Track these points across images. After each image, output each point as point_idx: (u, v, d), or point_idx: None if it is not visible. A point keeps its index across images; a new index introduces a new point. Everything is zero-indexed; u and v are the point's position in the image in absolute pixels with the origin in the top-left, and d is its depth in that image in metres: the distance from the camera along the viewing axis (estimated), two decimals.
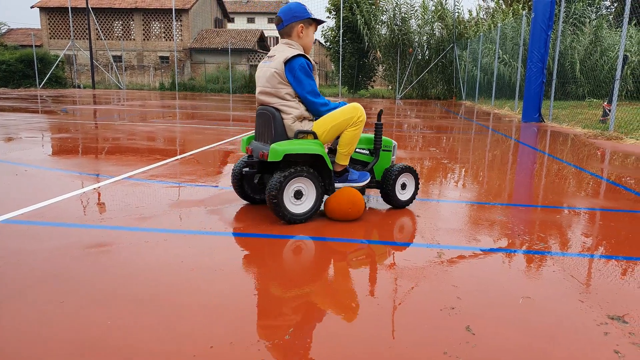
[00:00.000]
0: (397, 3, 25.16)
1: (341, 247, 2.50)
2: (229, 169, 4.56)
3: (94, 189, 3.64)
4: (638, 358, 1.48)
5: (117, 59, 32.47)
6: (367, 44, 25.69)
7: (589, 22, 18.50)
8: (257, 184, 3.11)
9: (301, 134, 2.86)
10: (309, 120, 2.94)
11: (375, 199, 3.49)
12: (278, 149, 2.71)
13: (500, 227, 2.87)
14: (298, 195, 2.82)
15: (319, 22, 3.03)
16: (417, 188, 3.31)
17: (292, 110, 2.85)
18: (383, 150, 3.24)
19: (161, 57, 33.20)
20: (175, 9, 30.53)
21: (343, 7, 25.40)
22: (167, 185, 3.81)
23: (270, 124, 2.88)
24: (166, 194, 3.49)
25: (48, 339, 1.53)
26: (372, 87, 29.50)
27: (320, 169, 2.89)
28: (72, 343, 1.51)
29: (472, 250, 2.46)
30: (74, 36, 31.01)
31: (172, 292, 1.88)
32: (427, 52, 25.44)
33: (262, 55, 32.29)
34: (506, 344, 1.56)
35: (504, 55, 17.94)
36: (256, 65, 31.06)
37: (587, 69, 17.47)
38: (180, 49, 32.20)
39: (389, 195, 3.20)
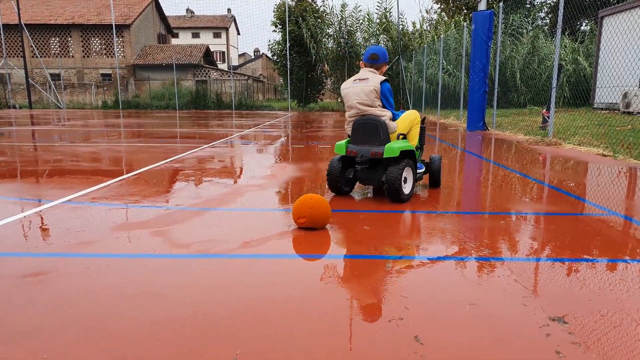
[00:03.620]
0: (342, 16, 25.65)
1: (289, 262, 2.47)
2: (176, 187, 4.44)
3: (32, 214, 3.44)
4: (578, 357, 1.54)
5: (56, 77, 31.16)
6: (314, 57, 25.98)
7: (526, 33, 19.52)
8: (352, 178, 4.08)
9: (401, 135, 3.97)
10: (391, 119, 4.03)
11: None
12: (394, 147, 3.76)
13: (447, 235, 2.94)
14: (405, 180, 3.82)
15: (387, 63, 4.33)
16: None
17: (385, 113, 3.98)
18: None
19: (103, 75, 32.16)
20: (115, 25, 29.74)
21: (289, 21, 25.61)
22: (110, 207, 3.66)
23: (376, 129, 3.89)
24: (109, 217, 3.35)
25: None
26: (322, 100, 29.81)
27: (413, 160, 4.03)
28: None
29: (420, 259, 2.50)
30: (7, 54, 29.55)
31: (115, 320, 1.79)
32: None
33: (207, 70, 31.91)
34: (454, 352, 1.58)
35: (448, 66, 18.61)
36: (203, 81, 30.72)
37: (527, 78, 18.40)
38: (122, 65, 31.33)
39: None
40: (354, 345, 1.63)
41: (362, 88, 3.96)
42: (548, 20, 25.39)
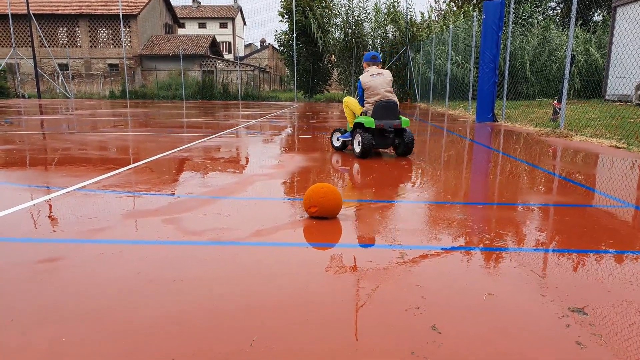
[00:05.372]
0: (349, 6, 25.45)
1: (304, 252, 2.46)
2: (186, 176, 4.44)
3: (44, 201, 3.45)
4: (599, 348, 1.52)
5: (64, 67, 31.19)
6: (321, 47, 25.82)
7: (537, 23, 19.25)
8: (374, 144, 5.56)
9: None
10: None
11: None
12: (406, 120, 5.62)
13: (461, 226, 2.91)
14: None
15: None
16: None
17: (395, 98, 5.67)
18: None
19: (110, 65, 32.15)
20: (123, 15, 29.67)
21: (296, 11, 25.44)
22: (120, 195, 3.65)
23: (395, 108, 5.59)
24: (120, 205, 3.35)
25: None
26: (328, 91, 29.66)
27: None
28: None
29: (434, 249, 2.47)
30: (16, 44, 29.62)
31: (132, 306, 1.79)
32: (381, 55, 25.78)
33: (213, 61, 31.82)
34: (472, 342, 1.56)
35: (457, 57, 18.44)
36: (210, 71, 30.69)
37: (537, 69, 18.18)
38: (129, 55, 31.30)
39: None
40: (372, 334, 1.61)
41: (383, 80, 5.54)
42: (559, 10, 25.03)
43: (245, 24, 58.99)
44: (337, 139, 6.21)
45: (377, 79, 5.48)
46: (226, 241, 2.58)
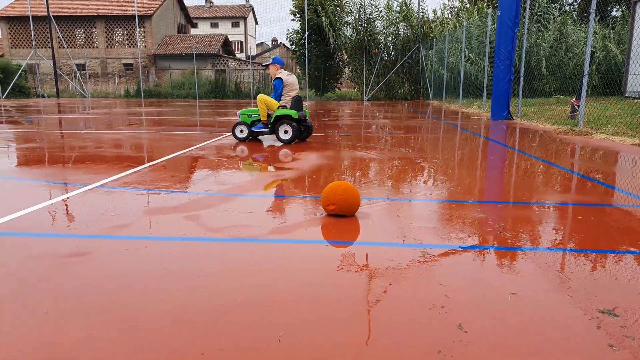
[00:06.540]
0: (361, 4, 25.33)
1: (323, 249, 2.46)
2: (204, 173, 4.47)
3: (68, 198, 3.49)
4: (632, 350, 1.49)
5: (81, 67, 31.57)
6: (332, 45, 25.74)
7: (553, 19, 18.95)
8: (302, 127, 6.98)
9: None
10: None
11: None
12: (308, 111, 7.00)
13: (481, 225, 2.89)
14: None
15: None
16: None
17: None
18: None
19: (125, 64, 32.44)
20: (138, 15, 29.92)
21: (308, 10, 25.41)
22: (141, 192, 3.69)
23: (302, 102, 6.84)
24: (141, 201, 3.38)
25: (32, 348, 1.44)
26: (339, 89, 29.58)
27: None
28: (58, 353, 1.42)
29: (455, 248, 2.46)
30: (36, 45, 30.05)
31: (159, 299, 1.80)
32: (393, 53, 25.64)
33: (226, 60, 32.04)
34: (500, 341, 1.55)
35: (470, 54, 18.26)
36: (222, 70, 30.83)
37: (553, 66, 17.90)
38: (144, 55, 31.55)
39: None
40: (397, 332, 1.60)
41: (295, 79, 6.89)
42: (576, 6, 24.65)
43: (257, 23, 59.08)
44: (241, 131, 7.05)
45: (292, 78, 6.81)
46: (247, 237, 2.59)
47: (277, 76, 6.72)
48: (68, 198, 3.52)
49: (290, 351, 1.49)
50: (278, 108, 6.68)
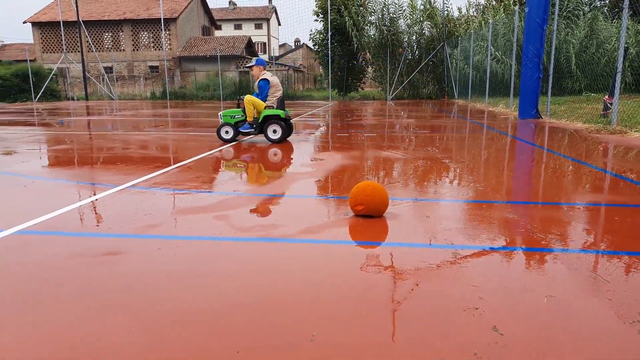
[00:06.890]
0: (385, 3, 25.20)
1: (354, 250, 2.45)
2: (231, 174, 4.52)
3: (101, 198, 3.58)
4: None
5: (108, 70, 32.31)
6: (356, 45, 25.67)
7: (583, 15, 18.48)
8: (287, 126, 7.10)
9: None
10: None
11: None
12: (290, 114, 7.14)
13: (513, 226, 2.84)
14: None
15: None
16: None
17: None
18: None
19: (151, 67, 33.03)
20: (163, 18, 30.43)
21: (331, 10, 25.41)
22: (171, 192, 3.75)
23: (284, 102, 7.04)
24: (172, 201, 3.44)
25: (74, 345, 1.47)
26: (362, 89, 29.48)
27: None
28: (100, 348, 1.45)
29: (486, 249, 2.42)
30: (66, 49, 30.87)
31: (196, 297, 1.83)
32: (417, 52, 25.43)
33: (249, 61, 32.29)
34: (537, 344, 1.52)
35: (496, 52, 17.97)
36: (246, 72, 31.08)
37: (583, 63, 17.43)
38: (169, 57, 32.06)
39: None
40: (432, 333, 1.59)
41: (278, 80, 7.04)
42: (607, 1, 23.99)
43: (279, 24, 59.37)
44: (227, 132, 7.08)
45: (277, 79, 7.01)
46: (276, 237, 2.61)
47: (262, 77, 6.85)
48: (100, 198, 3.60)
49: (325, 350, 1.49)
50: (265, 108, 6.82)
